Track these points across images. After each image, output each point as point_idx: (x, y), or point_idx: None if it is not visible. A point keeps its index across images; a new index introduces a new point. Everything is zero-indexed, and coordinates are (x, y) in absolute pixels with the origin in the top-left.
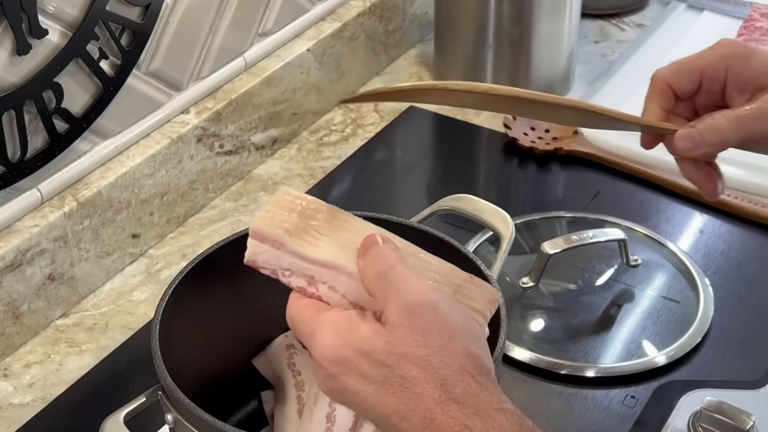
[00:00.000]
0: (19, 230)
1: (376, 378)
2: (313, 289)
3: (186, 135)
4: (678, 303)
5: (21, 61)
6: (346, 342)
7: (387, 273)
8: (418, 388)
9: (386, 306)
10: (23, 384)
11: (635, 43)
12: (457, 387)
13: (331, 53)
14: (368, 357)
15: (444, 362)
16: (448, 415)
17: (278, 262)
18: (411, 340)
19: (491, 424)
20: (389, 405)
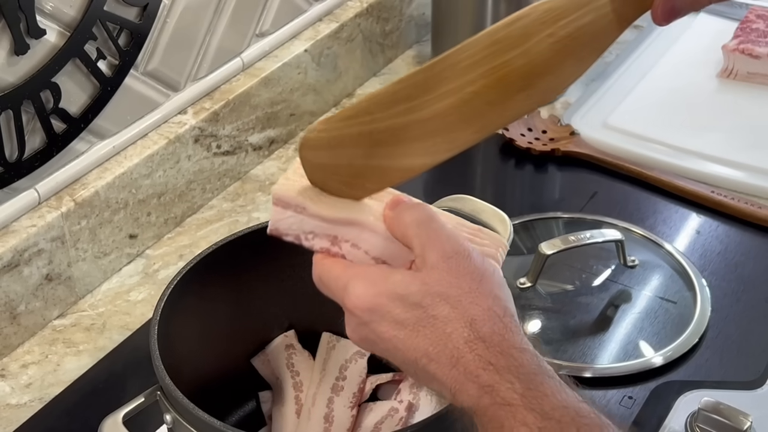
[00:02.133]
0: (17, 230)
1: (409, 321)
2: (336, 249)
3: (183, 135)
4: (675, 304)
5: (19, 61)
6: (381, 290)
7: (427, 221)
8: (449, 326)
9: (425, 250)
10: (20, 384)
11: (632, 45)
12: (485, 327)
13: (328, 54)
14: (403, 300)
15: (474, 303)
16: (475, 353)
17: (301, 226)
18: (445, 282)
19: (512, 362)
20: (419, 347)
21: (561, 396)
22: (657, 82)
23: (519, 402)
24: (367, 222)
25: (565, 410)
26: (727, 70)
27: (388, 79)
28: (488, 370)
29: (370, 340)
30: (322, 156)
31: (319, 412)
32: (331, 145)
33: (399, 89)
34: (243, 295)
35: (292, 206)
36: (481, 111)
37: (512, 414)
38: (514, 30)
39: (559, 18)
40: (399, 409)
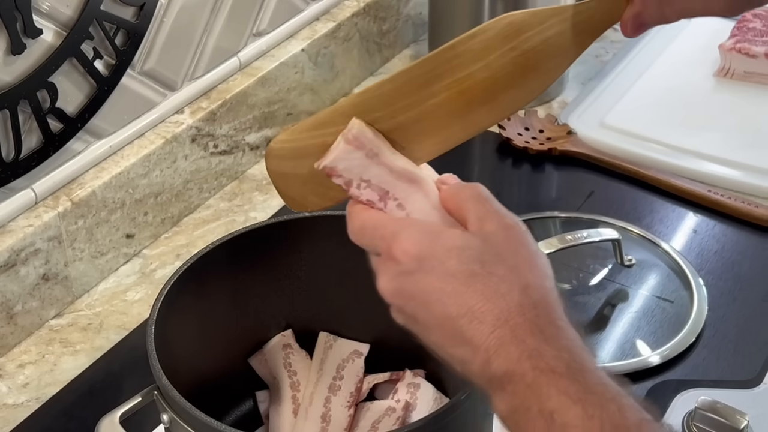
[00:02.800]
0: (13, 230)
1: (462, 274)
2: (381, 204)
3: (180, 135)
4: (672, 303)
5: (15, 60)
6: (439, 239)
7: (485, 198)
8: (504, 286)
9: (483, 222)
10: (17, 384)
11: (629, 44)
12: (537, 294)
13: (325, 53)
14: (462, 251)
15: (530, 271)
16: (525, 317)
17: (362, 171)
18: (503, 246)
19: (561, 333)
20: (466, 303)
21: (603, 374)
22: (654, 81)
23: (563, 371)
24: (427, 183)
25: (605, 387)
26: (724, 70)
27: None
28: (536, 335)
29: (406, 293)
30: (286, 166)
31: (316, 411)
32: (293, 155)
33: (361, 101)
34: (240, 295)
35: (366, 148)
36: (443, 122)
37: (555, 381)
38: (475, 43)
39: (522, 32)
40: (396, 408)
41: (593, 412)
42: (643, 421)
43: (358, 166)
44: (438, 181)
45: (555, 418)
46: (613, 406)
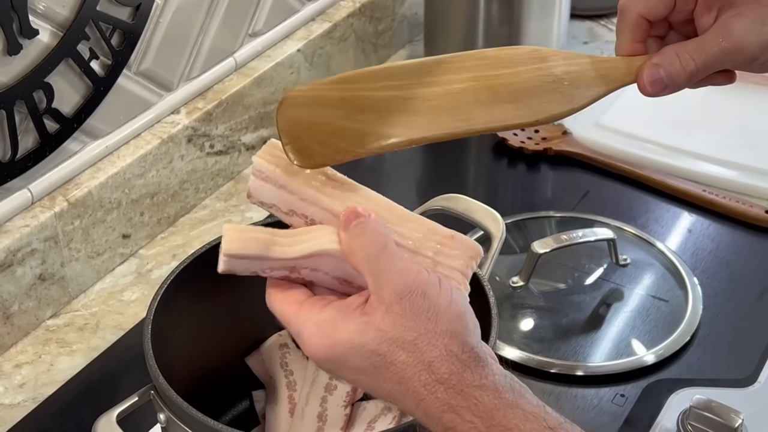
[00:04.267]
0: (10, 230)
1: (368, 369)
2: (296, 275)
3: (176, 135)
4: (667, 302)
5: (11, 61)
6: (335, 342)
7: (378, 256)
8: (408, 371)
9: (378, 291)
10: (14, 384)
11: None
12: (443, 368)
13: (321, 54)
14: (360, 349)
15: (430, 344)
16: (434, 396)
17: (259, 266)
18: (400, 326)
19: (471, 402)
20: (383, 389)
21: (526, 426)
22: None
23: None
24: (325, 251)
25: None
26: None
27: None
28: (448, 412)
29: (340, 378)
30: (302, 113)
31: (313, 411)
32: (312, 103)
33: (386, 69)
34: (237, 295)
35: (248, 258)
36: (467, 105)
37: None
38: (505, 54)
39: (547, 59)
40: (392, 408)
41: None
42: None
43: (250, 265)
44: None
45: None
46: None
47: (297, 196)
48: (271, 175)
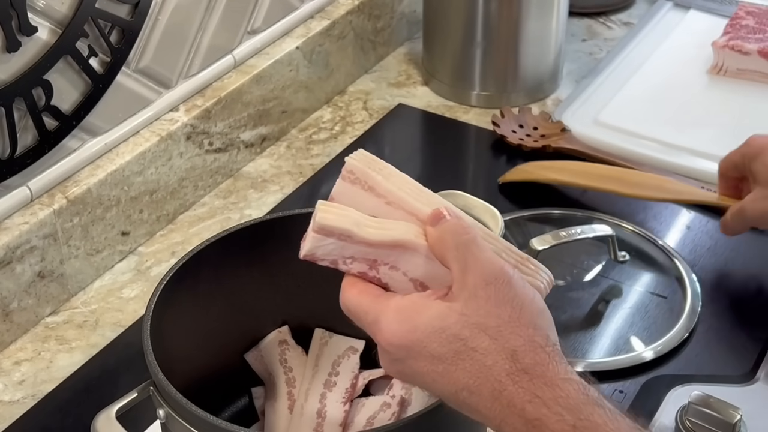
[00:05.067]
0: (9, 228)
1: (447, 355)
2: (374, 273)
3: (175, 132)
4: (665, 299)
5: (10, 58)
6: (416, 325)
7: (468, 244)
8: (489, 359)
9: (465, 275)
10: (13, 381)
11: (622, 41)
12: (527, 357)
13: (320, 51)
14: (440, 333)
15: (514, 333)
16: (518, 386)
17: (341, 252)
18: (484, 311)
19: (559, 393)
20: (459, 381)
21: (614, 425)
22: (647, 78)
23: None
24: (410, 243)
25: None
26: (717, 67)
27: (379, 77)
28: (534, 402)
29: (408, 375)
30: None
31: (312, 407)
32: None
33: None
34: (236, 291)
35: (335, 234)
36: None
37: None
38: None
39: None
40: (391, 404)
41: None
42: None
43: (334, 249)
44: (427, 221)
45: None
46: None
47: (383, 200)
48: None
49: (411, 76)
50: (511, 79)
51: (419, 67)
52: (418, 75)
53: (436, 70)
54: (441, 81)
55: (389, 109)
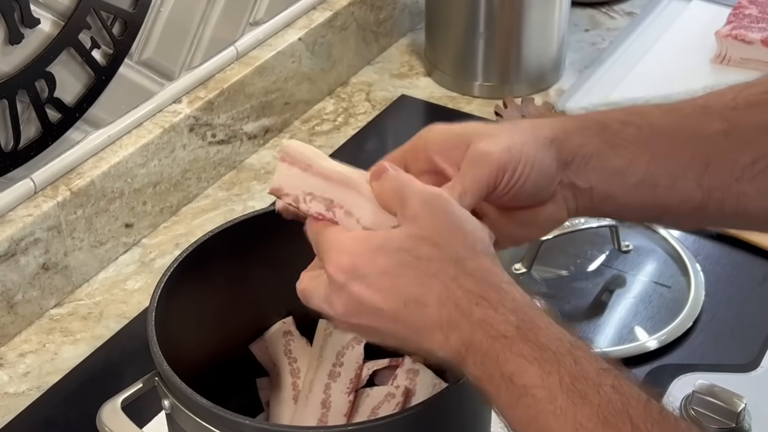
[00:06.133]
0: (13, 220)
1: (392, 266)
2: (330, 214)
3: (178, 124)
4: (669, 288)
5: (13, 50)
6: (364, 248)
7: (407, 181)
8: (434, 265)
9: (404, 208)
10: (18, 373)
11: (625, 31)
12: (471, 262)
13: (322, 42)
14: (383, 248)
15: (457, 241)
16: (463, 289)
17: (302, 185)
18: (426, 226)
19: (505, 296)
20: (406, 292)
21: (555, 328)
22: (650, 68)
23: (515, 334)
24: (361, 184)
25: (560, 342)
26: (720, 56)
27: (382, 68)
28: (481, 304)
29: (352, 306)
30: None
31: (316, 398)
32: None
33: None
34: (240, 282)
35: (299, 162)
36: None
37: (508, 346)
38: None
39: None
40: (396, 394)
41: (550, 368)
42: (600, 371)
43: (297, 180)
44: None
45: (515, 381)
46: (569, 359)
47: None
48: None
49: (413, 67)
50: (513, 70)
51: (422, 58)
52: (421, 66)
53: (439, 60)
54: (443, 72)
55: (392, 100)
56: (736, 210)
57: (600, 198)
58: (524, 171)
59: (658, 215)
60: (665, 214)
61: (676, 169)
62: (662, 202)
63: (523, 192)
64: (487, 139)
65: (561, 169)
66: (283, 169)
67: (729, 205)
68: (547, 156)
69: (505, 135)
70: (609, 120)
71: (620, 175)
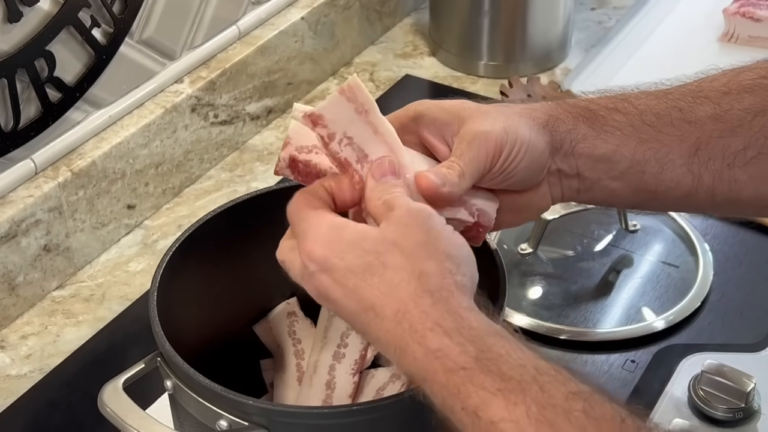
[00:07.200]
0: (14, 201)
1: (359, 268)
2: (358, 167)
3: (180, 104)
4: (677, 268)
5: (12, 29)
6: (338, 239)
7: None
8: (397, 277)
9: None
10: (20, 355)
11: (632, 10)
12: (433, 280)
13: (325, 22)
14: (357, 245)
15: (428, 256)
16: (420, 309)
17: (346, 127)
18: (402, 233)
19: (461, 323)
20: (366, 298)
21: (517, 355)
22: (657, 46)
23: (474, 365)
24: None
25: (523, 369)
26: (728, 34)
27: (386, 48)
28: (436, 331)
29: (318, 294)
30: None
31: (321, 379)
32: None
33: None
34: (243, 262)
35: (357, 102)
36: None
37: (469, 378)
38: None
39: None
40: (401, 375)
41: (515, 399)
42: (569, 395)
43: (344, 119)
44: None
45: (480, 416)
46: (535, 388)
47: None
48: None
49: (418, 46)
50: (519, 49)
51: (426, 38)
52: (425, 45)
53: (443, 40)
54: (448, 51)
55: (396, 80)
56: (729, 197)
57: (586, 185)
58: (519, 153)
59: (646, 201)
60: (653, 200)
61: (663, 154)
62: (650, 188)
63: (515, 175)
64: (482, 118)
65: (551, 155)
66: (338, 101)
67: (721, 192)
68: (540, 140)
69: (500, 115)
70: (596, 106)
71: (607, 162)
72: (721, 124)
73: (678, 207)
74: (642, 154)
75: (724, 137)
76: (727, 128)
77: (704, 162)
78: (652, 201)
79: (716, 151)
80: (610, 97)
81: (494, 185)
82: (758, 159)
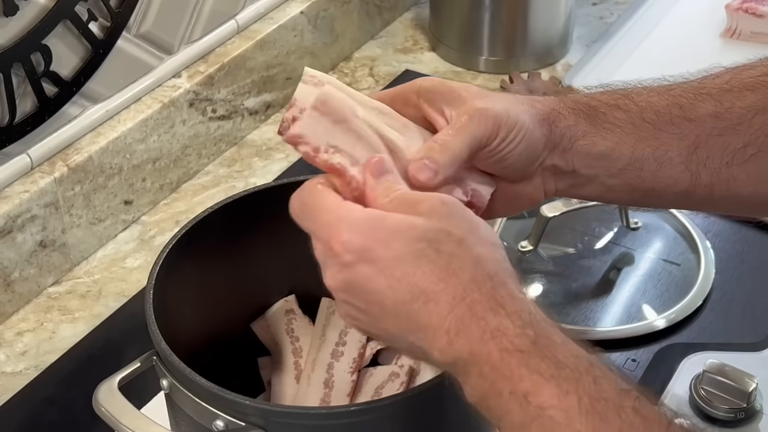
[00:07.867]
0: (9, 196)
1: (409, 256)
2: (354, 170)
3: (178, 99)
4: (679, 266)
5: (8, 22)
6: (382, 225)
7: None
8: (455, 263)
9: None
10: (16, 352)
11: (633, 5)
12: (490, 265)
13: (324, 16)
14: (405, 232)
15: (478, 243)
16: (482, 293)
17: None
18: (447, 222)
19: (521, 306)
20: (417, 285)
21: (572, 345)
22: (659, 42)
23: (531, 349)
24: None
25: (578, 360)
26: (730, 30)
27: (386, 42)
28: (498, 312)
29: (355, 285)
30: None
31: (319, 377)
32: None
33: None
34: (241, 260)
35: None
36: None
37: (525, 362)
38: None
39: None
40: (400, 373)
41: (568, 387)
42: (620, 391)
43: (324, 132)
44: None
45: (530, 400)
46: (588, 379)
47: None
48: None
49: (418, 41)
50: (520, 44)
51: (426, 33)
52: (425, 40)
53: (444, 35)
54: (448, 46)
55: (396, 75)
56: (727, 195)
57: (582, 181)
58: (516, 137)
59: (642, 198)
60: (649, 198)
61: (662, 152)
62: (647, 186)
63: (508, 158)
64: (485, 98)
65: (547, 148)
66: (311, 117)
67: (719, 190)
68: (538, 131)
69: (504, 99)
70: (598, 103)
71: (605, 160)
72: (722, 122)
73: (675, 204)
74: (641, 152)
75: (723, 135)
76: (727, 126)
77: (703, 160)
78: (648, 198)
79: (715, 149)
80: (611, 93)
81: (486, 167)
82: (757, 157)
